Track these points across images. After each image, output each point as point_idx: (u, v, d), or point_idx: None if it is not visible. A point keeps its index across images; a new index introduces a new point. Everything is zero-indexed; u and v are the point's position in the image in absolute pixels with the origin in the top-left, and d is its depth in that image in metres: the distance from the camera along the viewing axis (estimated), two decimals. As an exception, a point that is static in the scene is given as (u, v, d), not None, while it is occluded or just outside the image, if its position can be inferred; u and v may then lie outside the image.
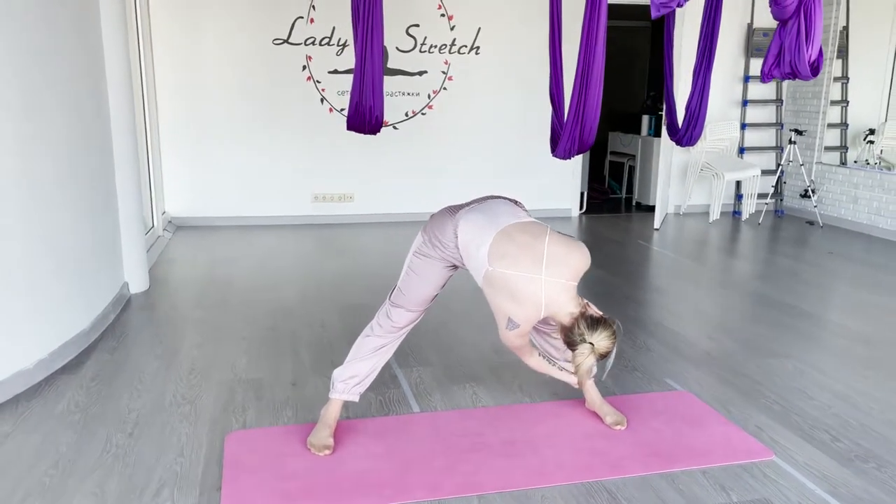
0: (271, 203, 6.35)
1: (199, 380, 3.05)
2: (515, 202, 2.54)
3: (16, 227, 2.87)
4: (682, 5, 2.68)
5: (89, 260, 3.56)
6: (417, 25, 6.30)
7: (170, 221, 6.08)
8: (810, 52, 2.68)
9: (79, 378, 3.03)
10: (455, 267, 2.50)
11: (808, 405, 2.88)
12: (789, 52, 2.72)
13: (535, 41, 6.12)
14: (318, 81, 6.22)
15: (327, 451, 2.43)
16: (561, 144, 4.26)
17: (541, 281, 2.24)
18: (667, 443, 2.54)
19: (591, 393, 2.75)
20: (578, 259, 2.30)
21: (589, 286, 4.76)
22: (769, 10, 2.82)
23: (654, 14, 2.67)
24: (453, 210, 2.45)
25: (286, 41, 6.10)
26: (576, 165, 6.89)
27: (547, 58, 4.42)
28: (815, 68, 2.80)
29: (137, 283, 4.22)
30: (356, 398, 2.58)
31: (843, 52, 6.80)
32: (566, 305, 2.26)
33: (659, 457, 2.45)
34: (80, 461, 2.37)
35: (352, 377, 2.55)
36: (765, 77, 3.09)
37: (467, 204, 2.47)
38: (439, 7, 6.31)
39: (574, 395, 2.85)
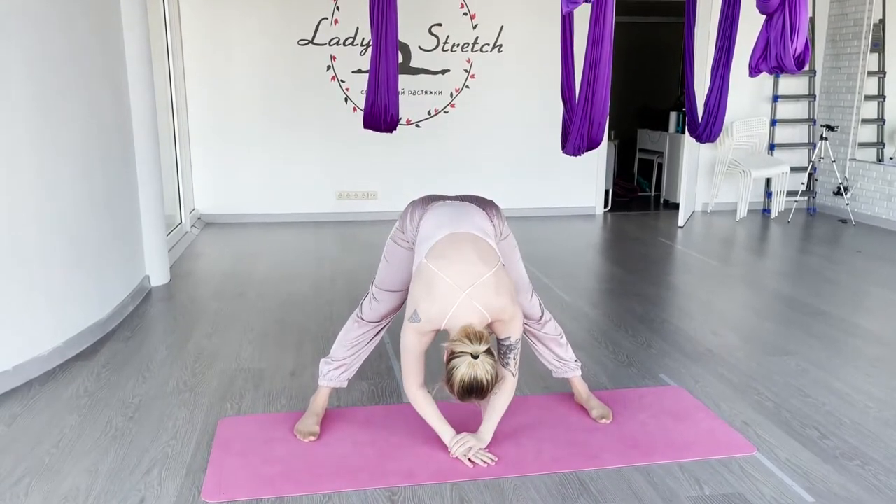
0: (297, 200, 6.50)
1: (202, 368, 3.17)
2: (495, 213, 2.50)
3: (32, 222, 3.03)
4: (589, 1, 2.68)
5: (108, 254, 3.72)
6: (440, 24, 6.36)
7: (199, 218, 6.28)
8: (795, 46, 2.65)
9: (91, 365, 3.19)
10: None
11: (803, 402, 2.84)
12: (775, 45, 2.69)
13: (558, 39, 6.11)
14: (342, 81, 6.34)
15: (312, 438, 2.51)
16: (570, 141, 4.26)
17: (461, 295, 2.16)
18: (649, 436, 2.55)
19: (579, 387, 2.78)
20: (505, 305, 2.22)
21: (600, 283, 4.76)
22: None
23: (564, 10, 2.70)
24: (430, 200, 2.50)
25: (311, 42, 6.23)
26: (600, 163, 6.87)
27: (568, 56, 4.43)
28: (801, 62, 2.76)
29: (158, 276, 4.39)
30: (344, 384, 2.66)
31: (878, 46, 6.61)
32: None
33: (638, 450, 2.46)
34: (80, 442, 2.51)
35: (340, 366, 2.63)
36: (752, 71, 3.05)
37: (448, 198, 2.52)
38: (462, 6, 6.36)
39: (563, 389, 2.88)
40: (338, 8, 6.19)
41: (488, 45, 6.47)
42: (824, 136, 6.56)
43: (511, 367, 2.32)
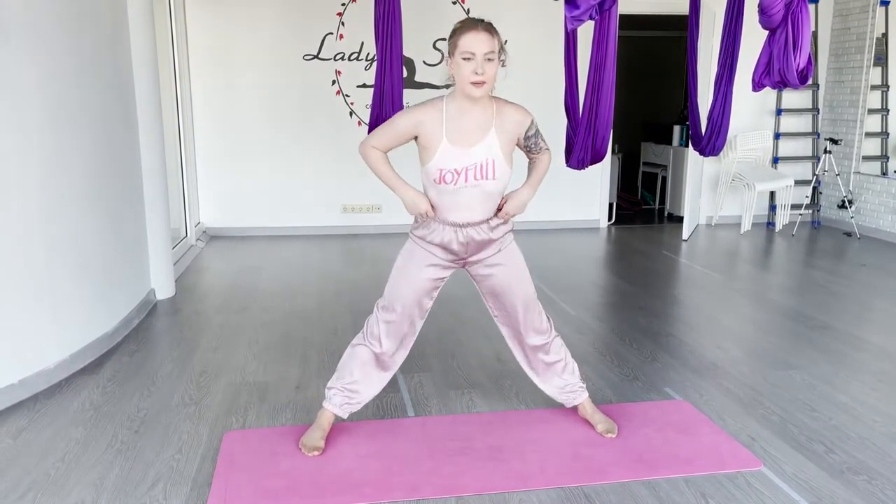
0: (302, 214, 6.52)
1: (207, 382, 3.17)
2: None
3: (38, 234, 3.05)
4: (594, 18, 2.70)
5: (114, 267, 3.74)
6: (444, 39, 6.39)
7: (204, 232, 6.30)
8: (798, 61, 2.66)
9: (97, 378, 3.19)
10: (436, 267, 2.54)
11: (809, 417, 2.83)
12: (778, 60, 2.71)
13: (562, 54, 6.14)
14: (347, 95, 6.38)
15: (316, 453, 2.51)
16: (574, 155, 4.28)
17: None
18: (654, 451, 2.54)
19: (584, 401, 2.77)
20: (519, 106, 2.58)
21: (604, 296, 4.76)
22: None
23: (568, 27, 2.74)
24: None
25: (316, 56, 6.28)
26: (604, 176, 6.89)
27: (571, 70, 4.44)
28: (804, 76, 2.78)
29: (164, 289, 4.41)
30: (344, 416, 2.63)
31: (882, 60, 6.63)
32: None
33: (644, 464, 2.45)
34: (86, 455, 2.51)
35: (343, 395, 2.60)
36: (755, 86, 3.07)
37: None
38: (466, 21, 6.39)
39: (568, 403, 2.87)
40: (343, 23, 6.24)
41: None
42: (828, 149, 6.57)
43: (543, 145, 2.69)
